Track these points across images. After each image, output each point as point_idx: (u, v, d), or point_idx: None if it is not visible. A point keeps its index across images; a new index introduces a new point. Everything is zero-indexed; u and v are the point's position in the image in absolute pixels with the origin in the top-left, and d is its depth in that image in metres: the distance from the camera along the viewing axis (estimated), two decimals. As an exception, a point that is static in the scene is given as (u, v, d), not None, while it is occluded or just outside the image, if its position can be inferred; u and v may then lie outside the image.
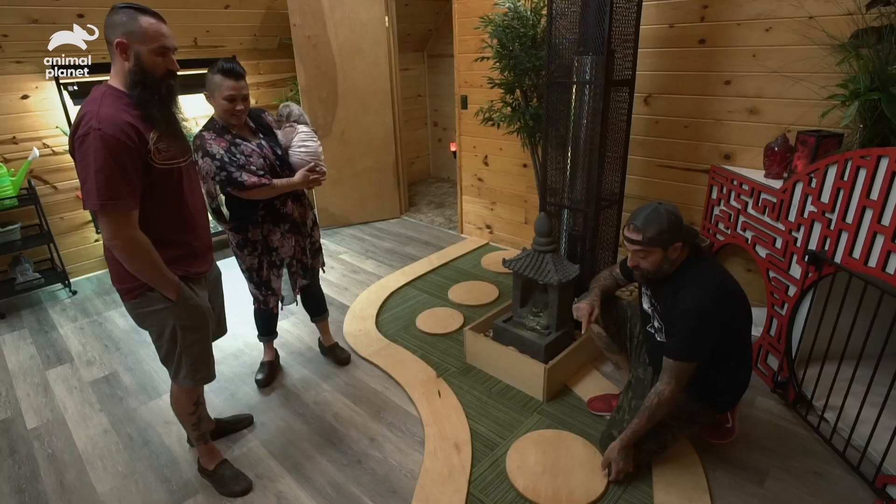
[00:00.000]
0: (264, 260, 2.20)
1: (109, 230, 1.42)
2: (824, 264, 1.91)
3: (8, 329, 3.13)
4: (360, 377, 2.53)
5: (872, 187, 1.70)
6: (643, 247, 1.65)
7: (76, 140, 1.40)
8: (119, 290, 1.59)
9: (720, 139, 2.67)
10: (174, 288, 1.57)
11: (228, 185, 1.96)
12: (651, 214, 1.63)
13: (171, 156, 1.52)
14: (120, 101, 1.44)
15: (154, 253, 1.51)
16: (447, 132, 5.85)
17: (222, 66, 1.95)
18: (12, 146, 3.33)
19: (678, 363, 1.65)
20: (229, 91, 1.95)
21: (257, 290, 2.27)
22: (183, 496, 1.91)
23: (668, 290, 1.73)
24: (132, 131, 1.40)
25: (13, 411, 2.40)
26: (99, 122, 1.36)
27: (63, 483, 1.99)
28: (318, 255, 2.41)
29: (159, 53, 1.45)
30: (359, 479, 1.94)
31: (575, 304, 2.02)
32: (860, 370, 1.84)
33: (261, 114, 2.20)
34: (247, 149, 2.02)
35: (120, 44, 1.41)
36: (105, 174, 1.36)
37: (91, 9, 3.19)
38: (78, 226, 3.68)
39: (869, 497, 1.75)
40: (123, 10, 1.42)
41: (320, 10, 3.94)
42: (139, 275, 1.52)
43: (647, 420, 1.73)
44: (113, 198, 1.38)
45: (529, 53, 2.74)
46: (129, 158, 1.40)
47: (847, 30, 2.06)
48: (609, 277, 2.04)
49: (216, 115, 2.04)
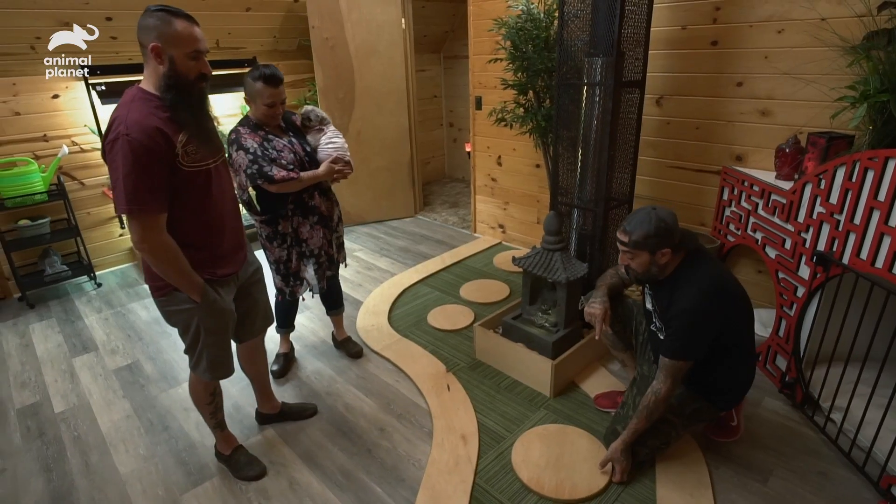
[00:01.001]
0: (293, 251, 2.29)
1: (138, 234, 1.46)
2: (832, 265, 1.92)
3: (37, 318, 3.27)
4: (372, 370, 2.60)
5: (880, 188, 1.71)
6: (629, 249, 1.71)
7: (106, 145, 1.43)
8: (150, 287, 1.65)
9: (732, 140, 2.67)
10: (199, 291, 1.61)
11: (259, 178, 2.04)
12: (642, 219, 1.68)
13: (199, 158, 1.54)
14: (150, 104, 1.45)
15: (180, 256, 1.54)
16: (462, 133, 5.91)
17: (263, 73, 2.02)
18: (43, 143, 3.47)
19: (673, 362, 1.69)
20: (270, 98, 2.05)
21: (283, 282, 2.35)
22: (200, 479, 1.99)
23: (665, 290, 1.77)
24: (160, 136, 1.42)
25: (42, 396, 2.51)
26: (127, 127, 1.38)
27: (88, 463, 2.08)
28: (341, 249, 2.49)
29: (193, 57, 1.46)
30: (368, 467, 2.00)
31: (586, 308, 2.02)
32: (867, 372, 1.84)
33: (290, 115, 2.30)
34: (279, 144, 2.12)
35: (154, 48, 1.42)
36: (133, 179, 1.39)
37: (119, 11, 3.31)
38: (103, 221, 3.82)
39: (873, 498, 1.76)
40: (157, 12, 1.42)
41: (338, 13, 4.02)
42: (165, 277, 1.56)
43: (645, 419, 1.76)
44: (140, 202, 1.41)
45: (542, 55, 2.78)
46: (156, 163, 1.43)
47: (858, 32, 2.06)
48: (615, 276, 2.08)
49: (253, 116, 2.13)
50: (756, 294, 2.68)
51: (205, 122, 1.56)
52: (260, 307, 1.97)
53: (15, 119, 3.33)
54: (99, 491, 1.95)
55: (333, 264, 2.45)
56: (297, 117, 2.31)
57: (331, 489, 1.91)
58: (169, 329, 3.04)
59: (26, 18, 3.04)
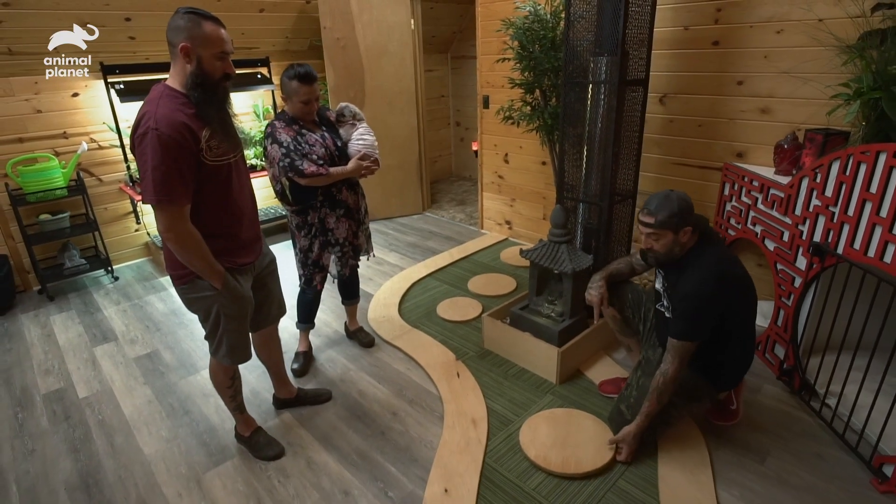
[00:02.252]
0: (317, 241, 2.39)
1: (164, 223, 1.53)
2: (827, 255, 2.00)
3: (57, 310, 3.37)
4: (384, 359, 2.69)
5: (872, 181, 1.79)
6: (655, 229, 1.78)
7: (135, 139, 1.49)
8: (171, 276, 1.73)
9: (733, 138, 2.76)
10: (220, 278, 1.69)
11: (290, 171, 2.15)
12: (663, 200, 1.76)
13: (221, 152, 1.62)
14: (176, 100, 1.52)
15: (203, 245, 1.61)
16: (469, 132, 6.00)
17: (298, 72, 2.12)
18: (63, 140, 3.58)
19: (680, 343, 1.77)
20: (305, 95, 2.15)
21: (302, 268, 2.46)
22: (221, 459, 2.08)
23: (675, 270, 1.86)
24: (186, 131, 1.49)
25: (66, 382, 2.61)
26: (156, 122, 1.45)
27: (113, 445, 2.18)
28: (369, 240, 2.59)
29: (219, 58, 1.54)
30: (382, 448, 2.09)
31: (585, 294, 2.15)
32: (860, 357, 1.92)
33: (324, 111, 2.39)
34: (311, 138, 2.22)
35: (184, 48, 1.49)
36: (161, 171, 1.46)
37: (138, 13, 3.42)
38: (120, 216, 3.93)
39: (866, 476, 1.84)
40: (187, 14, 1.50)
41: (349, 14, 4.12)
42: (188, 265, 1.63)
43: (656, 401, 1.84)
44: (168, 193, 1.48)
45: (549, 55, 2.87)
46: (183, 156, 1.50)
47: (854, 32, 2.14)
48: (624, 263, 2.17)
49: (289, 112, 2.24)
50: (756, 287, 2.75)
51: (227, 118, 1.64)
52: (275, 297, 2.06)
53: (37, 117, 3.44)
54: (125, 469, 2.04)
55: (358, 254, 2.55)
56: (331, 113, 2.41)
57: (347, 468, 2.00)
58: (186, 320, 3.14)
59: (48, 18, 3.15)
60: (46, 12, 3.11)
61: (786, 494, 1.80)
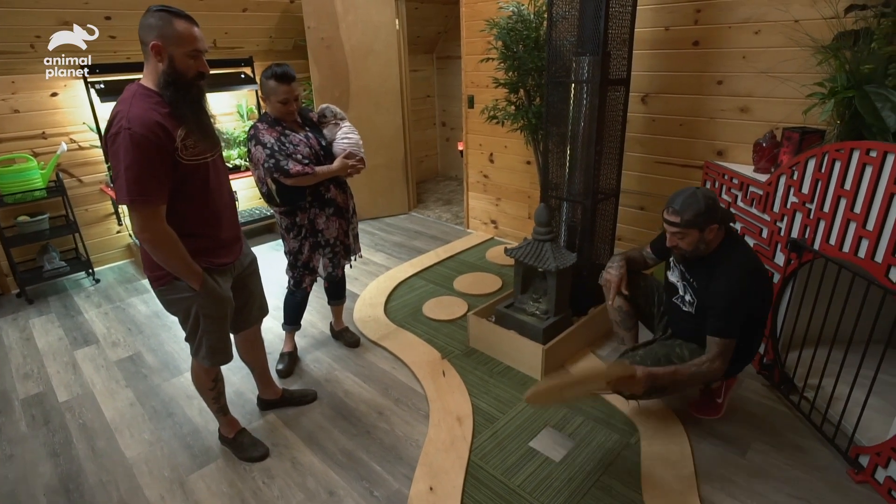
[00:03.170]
0: (307, 242, 2.38)
1: (138, 223, 1.51)
2: (804, 251, 2.04)
3: (37, 313, 3.31)
4: (370, 358, 2.68)
5: (846, 178, 1.83)
6: (680, 228, 1.77)
7: (108, 139, 1.48)
8: (149, 277, 1.71)
9: (713, 136, 2.80)
10: (198, 279, 1.67)
11: (275, 172, 2.13)
12: (689, 198, 1.75)
13: (198, 152, 1.60)
14: (150, 100, 1.50)
15: (180, 245, 1.59)
16: (455, 132, 6.01)
17: (275, 72, 2.11)
18: (41, 141, 3.52)
19: (724, 341, 1.76)
20: (284, 94, 2.14)
21: (291, 270, 2.45)
22: (205, 461, 2.06)
23: (704, 268, 1.85)
24: (160, 130, 1.48)
25: (45, 386, 2.57)
26: (129, 121, 1.43)
27: (94, 448, 2.15)
28: (356, 240, 2.59)
29: (192, 56, 1.53)
30: (368, 447, 2.09)
31: (603, 274, 2.10)
32: (837, 351, 1.96)
33: (306, 111, 2.39)
34: (295, 139, 2.21)
35: (155, 46, 1.48)
36: (134, 171, 1.44)
37: (118, 11, 3.38)
38: (101, 217, 3.87)
39: (843, 467, 1.88)
40: (158, 12, 1.48)
41: (334, 13, 4.11)
42: (165, 265, 1.61)
43: (686, 378, 1.75)
44: (142, 193, 1.47)
45: (532, 54, 2.89)
46: (157, 156, 1.48)
47: (829, 33, 2.19)
48: (638, 253, 2.17)
49: (270, 113, 2.22)
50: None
51: (203, 118, 1.62)
52: (256, 298, 2.04)
53: (14, 117, 3.38)
54: (107, 473, 2.02)
55: (349, 254, 2.54)
56: (313, 114, 2.40)
57: (332, 468, 2.00)
58: (169, 322, 3.11)
59: (27, 17, 3.10)
60: (25, 10, 3.06)
61: (766, 486, 1.83)
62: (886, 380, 2.02)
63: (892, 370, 2.07)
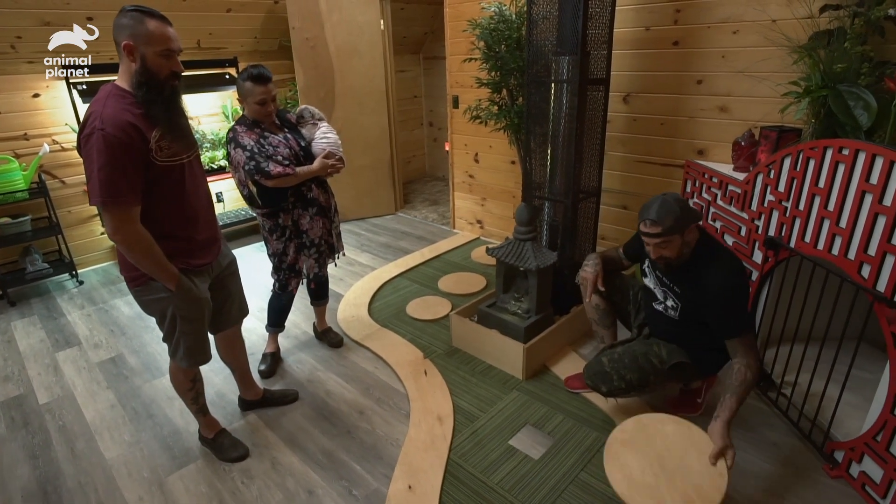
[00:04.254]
0: (291, 244, 2.37)
1: (112, 225, 1.50)
2: (781, 249, 2.06)
3: (18, 316, 3.29)
4: (352, 359, 2.68)
5: (820, 176, 1.85)
6: (664, 237, 1.72)
7: (81, 139, 1.47)
8: (125, 278, 1.70)
9: (694, 135, 2.82)
10: (174, 280, 1.66)
11: (256, 174, 2.12)
12: (662, 206, 1.71)
13: (172, 153, 1.59)
14: (124, 100, 1.49)
15: (154, 247, 1.58)
16: (442, 132, 6.02)
17: (251, 73, 2.11)
18: (23, 142, 3.49)
19: (743, 337, 1.73)
20: (260, 96, 2.13)
21: (276, 273, 2.44)
22: (184, 462, 2.05)
23: (686, 271, 1.82)
24: (134, 131, 1.47)
25: (25, 388, 2.55)
26: (102, 122, 1.42)
27: (74, 450, 2.14)
28: (339, 239, 2.58)
29: (164, 56, 1.51)
30: (348, 447, 2.09)
31: (580, 272, 2.10)
32: (813, 347, 1.98)
33: (284, 113, 2.38)
34: (274, 140, 2.21)
35: (127, 46, 1.47)
36: (107, 172, 1.43)
37: (100, 12, 3.36)
38: (85, 219, 3.85)
39: (819, 462, 1.90)
40: (131, 12, 1.47)
41: (318, 14, 4.10)
42: (140, 266, 1.60)
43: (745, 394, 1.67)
44: (114, 194, 1.45)
45: (514, 55, 2.90)
46: (130, 157, 1.47)
47: (804, 33, 2.21)
48: (614, 252, 2.18)
49: (248, 114, 2.21)
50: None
51: (178, 118, 1.61)
52: (235, 298, 2.03)
53: (-5, 118, 3.35)
54: (85, 475, 2.01)
55: (333, 253, 2.54)
56: (291, 115, 2.39)
57: (312, 468, 1.99)
58: (152, 324, 3.09)
59: (7, 17, 3.08)
60: (4, 11, 3.03)
61: (743, 482, 1.84)
62: (860, 375, 2.04)
63: (866, 365, 2.10)
